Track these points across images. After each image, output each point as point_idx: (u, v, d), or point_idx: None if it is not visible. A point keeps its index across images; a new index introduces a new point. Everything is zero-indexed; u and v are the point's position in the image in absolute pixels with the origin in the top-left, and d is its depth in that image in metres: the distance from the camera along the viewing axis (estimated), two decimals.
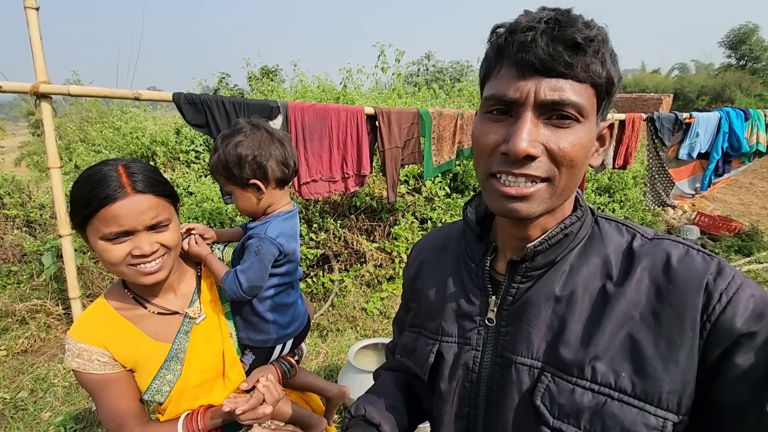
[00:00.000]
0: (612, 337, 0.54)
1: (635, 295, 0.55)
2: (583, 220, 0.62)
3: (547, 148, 0.52)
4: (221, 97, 2.68)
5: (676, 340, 0.51)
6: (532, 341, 0.59)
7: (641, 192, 5.87)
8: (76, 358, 0.88)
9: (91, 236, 0.83)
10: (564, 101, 0.50)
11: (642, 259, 0.57)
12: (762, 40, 32.93)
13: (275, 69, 9.98)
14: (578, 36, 0.48)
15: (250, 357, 1.08)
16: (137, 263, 0.84)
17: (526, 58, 0.50)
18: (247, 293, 0.99)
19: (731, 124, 4.25)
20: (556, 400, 0.55)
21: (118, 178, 0.81)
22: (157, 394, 0.93)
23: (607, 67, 0.51)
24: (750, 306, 0.49)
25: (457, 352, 0.67)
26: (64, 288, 3.58)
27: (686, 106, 24.87)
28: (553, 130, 0.52)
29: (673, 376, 0.50)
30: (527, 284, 0.62)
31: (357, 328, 3.39)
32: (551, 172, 0.53)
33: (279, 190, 1.05)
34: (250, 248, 1.01)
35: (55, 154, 2.75)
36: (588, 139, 0.54)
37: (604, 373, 0.53)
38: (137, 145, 5.11)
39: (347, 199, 4.26)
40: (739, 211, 7.13)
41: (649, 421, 0.50)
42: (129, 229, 0.82)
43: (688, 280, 0.53)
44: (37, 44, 2.60)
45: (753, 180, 9.86)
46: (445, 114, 3.37)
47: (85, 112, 8.31)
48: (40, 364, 2.88)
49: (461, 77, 16.97)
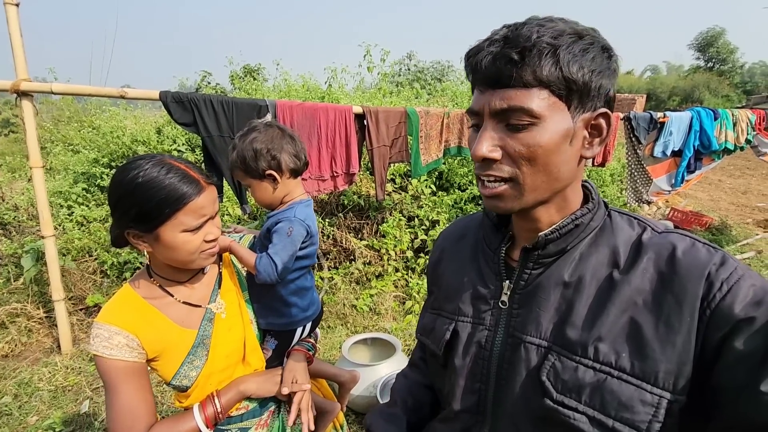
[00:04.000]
0: (615, 321, 0.58)
1: (640, 283, 0.59)
2: (595, 212, 0.66)
3: (506, 151, 0.59)
4: (209, 95, 2.67)
5: (675, 325, 0.55)
6: (540, 322, 0.64)
7: (619, 189, 6.09)
8: (104, 343, 0.87)
9: (168, 232, 0.86)
10: (512, 107, 0.56)
11: (649, 250, 0.61)
12: (728, 43, 34.35)
13: (258, 68, 9.89)
14: (514, 51, 0.55)
15: (273, 342, 1.12)
16: (208, 248, 0.93)
17: (479, 77, 0.60)
18: (280, 275, 1.03)
19: (702, 123, 4.46)
20: (561, 377, 0.59)
21: (187, 175, 0.88)
22: (184, 379, 0.95)
23: (561, 66, 0.55)
24: (750, 294, 0.52)
25: (471, 332, 0.72)
26: (45, 291, 3.48)
27: (658, 107, 25.72)
28: (509, 134, 0.59)
29: (669, 357, 0.54)
30: (539, 270, 0.67)
31: (348, 324, 3.42)
32: (513, 173, 0.60)
33: (293, 180, 1.12)
34: (280, 231, 1.05)
35: (38, 154, 2.69)
36: (548, 138, 0.57)
37: (605, 353, 0.57)
38: (118, 144, 4.99)
39: (335, 197, 4.28)
40: (710, 206, 7.45)
41: (644, 398, 0.54)
42: (209, 217, 0.91)
43: (691, 270, 0.56)
44: (17, 41, 2.53)
45: (722, 177, 10.32)
46: (432, 113, 3.43)
47: (56, 111, 8.04)
48: (23, 368, 2.80)
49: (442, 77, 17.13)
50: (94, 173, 4.81)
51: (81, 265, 3.74)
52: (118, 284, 3.70)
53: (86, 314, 3.45)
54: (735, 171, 11.07)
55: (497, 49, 0.56)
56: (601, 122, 0.61)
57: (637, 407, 0.54)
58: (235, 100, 2.73)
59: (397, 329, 3.32)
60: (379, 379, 2.26)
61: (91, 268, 3.77)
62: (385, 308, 3.60)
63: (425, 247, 4.13)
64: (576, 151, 0.61)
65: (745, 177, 10.45)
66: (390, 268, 3.93)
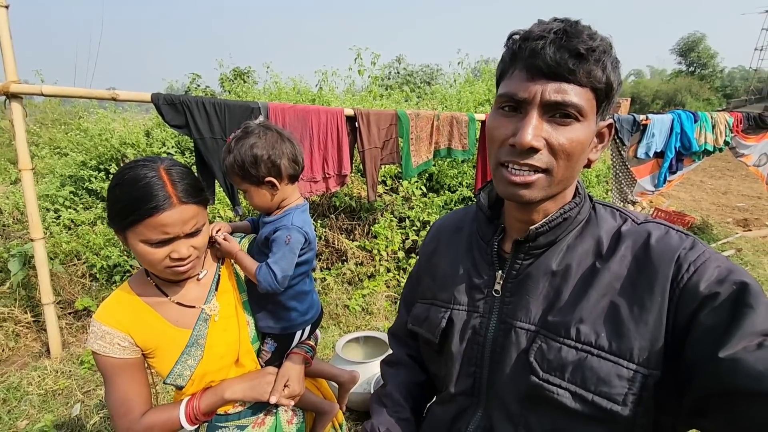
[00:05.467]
0: (595, 304, 0.63)
1: (618, 269, 0.64)
2: (581, 205, 0.71)
3: (549, 143, 0.61)
4: (201, 97, 2.68)
5: (647, 305, 0.59)
6: (530, 309, 0.69)
7: (604, 190, 6.22)
8: (98, 341, 0.91)
9: (131, 238, 0.86)
10: (566, 102, 0.58)
11: (627, 238, 0.66)
12: (709, 48, 35.26)
13: (248, 70, 9.87)
14: (581, 46, 0.56)
15: (272, 345, 1.12)
16: (174, 265, 0.89)
17: (535, 63, 0.58)
18: (280, 284, 1.03)
19: (682, 125, 4.61)
20: (546, 357, 0.64)
21: (164, 187, 0.85)
22: (179, 378, 0.97)
23: (607, 74, 0.59)
24: (715, 274, 0.56)
25: (466, 319, 0.76)
26: (32, 295, 3.44)
27: (642, 110, 26.24)
28: (555, 127, 0.61)
29: (643, 335, 0.59)
30: (529, 261, 0.71)
31: (340, 324, 3.44)
32: (550, 164, 0.62)
33: (291, 185, 1.11)
34: (278, 240, 1.04)
35: (27, 156, 2.67)
36: (585, 136, 0.61)
37: (586, 334, 0.62)
38: (106, 147, 4.94)
39: (327, 199, 4.31)
40: (692, 206, 7.66)
41: (621, 373, 0.59)
42: (173, 236, 0.86)
43: (663, 254, 0.61)
44: (6, 43, 2.52)
45: (703, 178, 10.60)
46: (422, 115, 3.49)
47: (40, 114, 7.90)
48: (12, 373, 2.76)
49: (431, 80, 17.27)
50: (81, 176, 4.75)
51: (69, 269, 3.70)
52: (107, 287, 3.67)
53: (75, 318, 3.41)
54: (716, 172, 11.39)
55: (561, 42, 0.57)
56: (606, 131, 0.68)
57: (614, 381, 0.59)
58: (228, 103, 2.75)
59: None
60: (372, 375, 2.30)
61: (80, 271, 3.73)
62: (377, 308, 3.64)
63: (416, 247, 4.17)
64: (587, 153, 0.66)
65: (725, 178, 10.76)
66: (382, 269, 3.96)
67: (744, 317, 0.51)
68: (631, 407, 0.58)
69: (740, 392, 0.47)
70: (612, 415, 0.59)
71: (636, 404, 0.58)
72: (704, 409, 0.52)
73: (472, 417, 0.74)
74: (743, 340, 0.49)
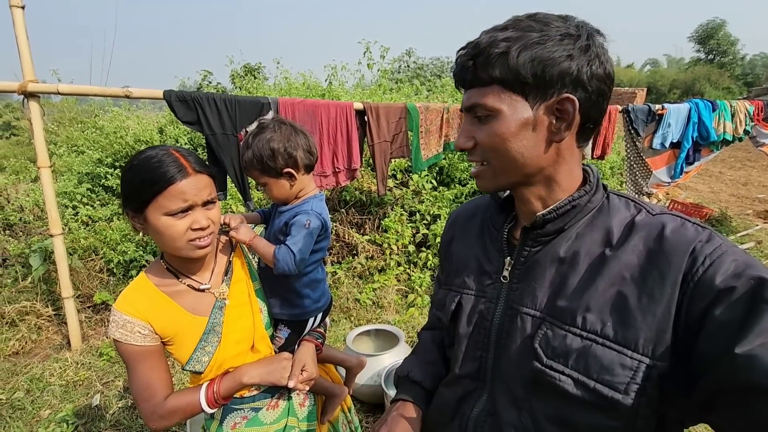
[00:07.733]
0: (603, 293, 0.63)
1: (629, 259, 0.63)
2: (592, 194, 0.70)
3: (477, 140, 0.69)
4: (212, 94, 2.70)
5: (656, 296, 0.58)
6: (536, 295, 0.69)
7: (618, 182, 6.11)
8: (120, 329, 0.95)
9: (152, 214, 0.90)
10: (474, 104, 0.67)
11: (641, 229, 0.65)
12: (729, 35, 34.15)
13: (258, 66, 9.93)
14: (473, 52, 0.64)
15: (286, 331, 1.17)
16: (195, 237, 0.93)
17: (455, 81, 0.71)
18: (298, 265, 1.07)
19: (700, 114, 4.49)
20: (551, 344, 0.65)
21: (177, 161, 0.91)
22: (197, 364, 1.00)
23: (513, 63, 0.61)
24: (731, 267, 0.55)
25: (474, 303, 0.78)
26: (53, 289, 3.54)
27: (659, 100, 25.62)
28: (478, 126, 0.68)
29: (650, 326, 0.58)
30: (537, 248, 0.72)
31: (351, 318, 3.47)
32: (485, 156, 0.69)
33: (307, 176, 1.17)
34: (298, 223, 1.09)
35: (45, 154, 2.74)
36: (506, 128, 0.64)
37: (592, 322, 0.62)
38: (121, 144, 5.04)
39: (337, 193, 4.33)
40: (710, 198, 7.48)
41: (624, 362, 0.59)
42: (192, 203, 0.91)
43: (677, 246, 0.60)
44: (23, 43, 2.58)
45: (722, 169, 10.33)
46: (432, 108, 3.47)
47: (57, 113, 8.07)
48: (35, 365, 2.86)
49: (442, 73, 17.14)
50: (98, 173, 4.86)
51: (87, 264, 3.80)
52: (124, 282, 3.76)
53: (94, 311, 3.51)
54: (735, 163, 11.07)
55: (461, 58, 0.67)
56: (566, 106, 0.63)
57: (617, 370, 0.59)
58: (238, 99, 2.77)
59: (400, 322, 3.37)
60: (383, 368, 2.31)
61: (98, 266, 3.83)
62: (388, 301, 3.65)
63: (427, 241, 4.17)
64: (542, 137, 0.65)
65: (745, 169, 10.46)
66: (392, 263, 3.98)
67: (761, 313, 0.50)
68: (633, 397, 0.58)
69: (755, 389, 0.47)
70: (613, 403, 0.59)
71: (638, 394, 0.58)
72: (714, 403, 0.52)
73: (478, 400, 0.75)
74: (760, 337, 0.48)
